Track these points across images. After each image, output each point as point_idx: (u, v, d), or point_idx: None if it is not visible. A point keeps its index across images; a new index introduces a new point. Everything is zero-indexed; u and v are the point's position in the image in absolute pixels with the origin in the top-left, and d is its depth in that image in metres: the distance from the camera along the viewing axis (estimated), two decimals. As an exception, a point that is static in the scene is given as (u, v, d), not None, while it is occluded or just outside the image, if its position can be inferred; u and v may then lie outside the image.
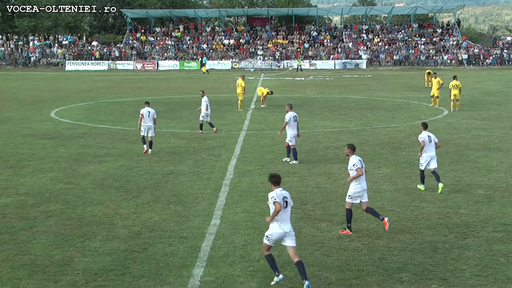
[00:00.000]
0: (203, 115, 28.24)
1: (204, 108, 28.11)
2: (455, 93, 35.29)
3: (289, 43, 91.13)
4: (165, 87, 55.93)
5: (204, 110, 28.13)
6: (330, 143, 25.76)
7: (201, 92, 28.96)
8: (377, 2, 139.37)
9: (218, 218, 15.15)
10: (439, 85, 37.86)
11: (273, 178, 11.28)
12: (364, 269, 11.84)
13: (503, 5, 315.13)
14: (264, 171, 20.44)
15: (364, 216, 15.30)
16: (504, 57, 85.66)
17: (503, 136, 27.38)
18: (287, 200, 11.15)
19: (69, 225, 14.67)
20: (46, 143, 26.11)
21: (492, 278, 11.42)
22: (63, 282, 11.32)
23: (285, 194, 11.18)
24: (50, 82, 62.80)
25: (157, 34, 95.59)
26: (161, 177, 19.68)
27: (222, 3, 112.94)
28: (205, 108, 28.11)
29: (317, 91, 51.03)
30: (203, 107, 28.15)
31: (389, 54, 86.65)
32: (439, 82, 37.95)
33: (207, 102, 28.17)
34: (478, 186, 18.30)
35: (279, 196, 11.07)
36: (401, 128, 30.09)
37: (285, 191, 11.24)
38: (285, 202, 11.14)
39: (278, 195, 11.09)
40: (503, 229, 14.24)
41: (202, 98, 28.31)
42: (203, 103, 28.13)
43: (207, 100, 28.24)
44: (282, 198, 11.11)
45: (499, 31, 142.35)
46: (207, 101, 28.20)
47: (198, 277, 11.49)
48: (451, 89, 35.37)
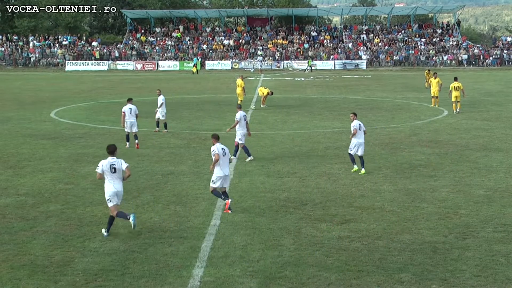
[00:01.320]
0: (163, 114, 28.63)
1: (160, 107, 28.53)
2: (456, 94, 34.92)
3: (289, 44, 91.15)
4: (165, 87, 55.86)
5: (162, 109, 28.56)
6: (330, 144, 25.76)
7: (158, 91, 29.41)
8: (377, 2, 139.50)
9: (218, 219, 15.15)
10: (439, 85, 37.89)
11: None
12: (364, 270, 11.84)
13: (503, 6, 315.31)
14: (264, 172, 20.45)
15: (364, 216, 15.31)
16: (504, 57, 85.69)
17: (503, 136, 27.38)
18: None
19: (69, 226, 14.67)
20: (46, 143, 26.11)
21: (492, 278, 11.42)
22: (63, 282, 11.32)
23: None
24: (50, 82, 62.83)
25: (157, 34, 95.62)
26: (161, 178, 19.68)
27: (222, 3, 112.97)
28: (161, 107, 28.51)
29: (317, 91, 51.04)
30: (159, 105, 28.55)
31: (389, 54, 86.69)
32: (439, 83, 37.99)
33: (164, 101, 28.63)
34: (478, 187, 18.29)
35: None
36: (401, 128, 30.09)
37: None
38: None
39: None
40: (503, 230, 14.23)
41: (159, 97, 28.70)
42: (160, 101, 28.57)
43: (164, 98, 28.73)
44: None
45: (499, 31, 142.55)
46: (164, 99, 28.68)
47: (198, 278, 11.49)
48: (452, 90, 35.05)
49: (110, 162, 13.73)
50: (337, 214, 15.49)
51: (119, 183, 13.77)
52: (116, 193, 13.75)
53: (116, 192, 13.75)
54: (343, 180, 19.27)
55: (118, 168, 13.72)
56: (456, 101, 35.18)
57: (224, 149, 15.67)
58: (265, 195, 17.49)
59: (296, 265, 12.09)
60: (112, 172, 13.67)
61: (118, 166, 13.73)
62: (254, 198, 17.07)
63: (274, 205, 16.35)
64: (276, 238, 13.69)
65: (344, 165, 21.45)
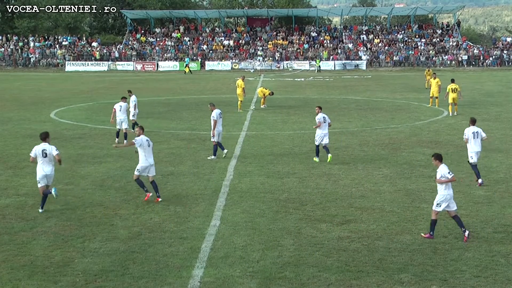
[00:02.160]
0: (133, 114, 28.69)
1: (133, 108, 28.53)
2: (453, 96, 34.53)
3: (289, 44, 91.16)
4: (165, 87, 55.94)
5: (133, 110, 28.57)
6: (330, 144, 25.70)
7: (129, 92, 29.51)
8: (377, 3, 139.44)
9: (218, 219, 15.16)
10: (438, 86, 37.93)
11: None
12: (364, 270, 11.85)
13: (503, 6, 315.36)
14: (264, 172, 20.45)
15: (364, 216, 15.32)
16: (504, 58, 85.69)
17: (503, 137, 27.38)
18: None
19: (69, 226, 14.68)
20: (46, 143, 26.07)
21: (492, 279, 11.42)
22: (63, 282, 11.32)
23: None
24: (50, 82, 62.83)
25: (157, 35, 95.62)
26: (161, 178, 19.67)
27: (222, 4, 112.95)
28: (134, 108, 28.54)
29: (317, 92, 51.03)
30: (131, 106, 28.61)
31: (389, 55, 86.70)
32: (438, 83, 38.04)
33: (135, 102, 28.71)
34: (478, 187, 18.29)
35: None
36: (401, 129, 30.09)
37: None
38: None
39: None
40: (503, 230, 14.24)
41: (131, 98, 28.77)
42: (132, 102, 28.62)
43: (136, 99, 28.82)
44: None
45: (499, 32, 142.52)
46: (135, 100, 28.75)
47: (198, 278, 11.49)
48: (449, 92, 34.58)
49: (42, 147, 15.55)
50: (337, 215, 15.50)
51: (48, 167, 15.57)
52: (45, 176, 15.58)
53: (46, 175, 15.57)
54: (343, 180, 19.27)
55: (49, 153, 15.51)
56: (453, 103, 34.73)
57: (148, 140, 16.86)
58: (265, 195, 17.49)
59: (296, 265, 12.09)
60: (43, 157, 15.51)
61: (49, 152, 15.51)
62: (254, 199, 17.08)
63: (274, 206, 16.36)
64: (276, 238, 13.70)
65: (344, 165, 21.46)
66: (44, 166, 15.60)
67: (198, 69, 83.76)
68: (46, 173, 15.60)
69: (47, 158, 15.56)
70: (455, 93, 34.50)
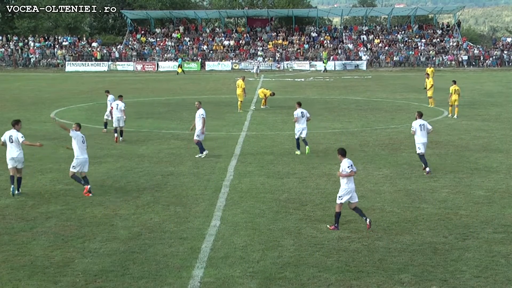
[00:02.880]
0: (107, 114, 29.05)
1: (109, 108, 28.89)
2: (455, 98, 34.09)
3: (289, 44, 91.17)
4: (165, 88, 55.94)
5: (108, 110, 28.96)
6: (330, 144, 25.77)
7: (106, 92, 29.94)
8: (377, 3, 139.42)
9: (218, 219, 15.16)
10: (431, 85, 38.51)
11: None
12: (364, 270, 11.85)
13: (503, 6, 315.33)
14: (264, 172, 20.45)
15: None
16: (504, 58, 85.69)
17: (503, 137, 27.38)
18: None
19: (69, 226, 14.68)
20: (46, 144, 26.03)
21: (492, 279, 11.42)
22: (63, 283, 11.32)
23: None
24: (50, 83, 62.83)
25: (157, 35, 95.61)
26: (161, 178, 19.68)
27: (222, 4, 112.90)
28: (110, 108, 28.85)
29: (317, 92, 51.03)
30: (108, 106, 28.98)
31: (389, 55, 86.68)
32: (431, 83, 38.54)
33: (111, 102, 28.98)
34: (478, 187, 18.30)
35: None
36: (401, 129, 30.08)
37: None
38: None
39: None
40: (503, 230, 14.23)
41: (107, 98, 29.35)
42: (108, 102, 29.12)
43: (112, 99, 29.12)
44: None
45: (499, 32, 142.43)
46: (112, 100, 29.03)
47: (198, 278, 11.49)
48: (452, 93, 33.93)
49: (10, 134, 17.51)
50: (337, 215, 15.48)
51: (14, 151, 17.37)
52: (12, 159, 17.35)
53: (12, 158, 17.35)
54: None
55: (15, 139, 17.38)
56: (455, 105, 34.25)
57: (83, 137, 18.09)
58: (265, 195, 17.49)
59: (296, 265, 12.09)
60: (10, 142, 17.44)
61: (15, 137, 17.39)
62: (254, 199, 17.08)
63: (274, 206, 16.36)
64: (276, 238, 13.70)
65: (344, 165, 21.43)
66: (11, 150, 17.44)
67: (198, 69, 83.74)
68: (12, 156, 17.41)
69: (14, 143, 17.40)
70: (456, 94, 34.00)
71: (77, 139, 17.80)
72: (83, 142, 17.92)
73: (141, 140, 27.17)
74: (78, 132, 17.97)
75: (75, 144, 17.80)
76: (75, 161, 17.77)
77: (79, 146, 17.78)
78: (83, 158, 17.79)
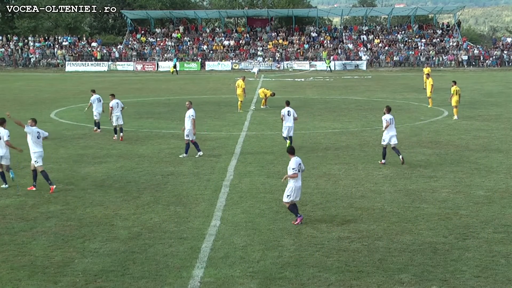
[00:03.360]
0: (97, 114, 29.34)
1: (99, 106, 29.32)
2: (457, 99, 33.77)
3: (289, 44, 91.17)
4: (165, 88, 55.94)
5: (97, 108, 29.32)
6: (330, 144, 25.77)
7: (92, 92, 30.09)
8: (377, 3, 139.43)
9: (218, 219, 15.16)
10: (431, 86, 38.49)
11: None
12: (364, 270, 11.85)
13: (503, 6, 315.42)
14: (264, 172, 20.46)
15: (364, 217, 15.31)
16: (504, 58, 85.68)
17: (503, 137, 27.38)
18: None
19: (69, 226, 14.68)
20: (46, 144, 25.92)
21: (492, 279, 11.42)
22: (63, 283, 11.32)
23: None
24: (50, 83, 62.82)
25: (157, 35, 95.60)
26: (161, 178, 19.68)
27: (222, 4, 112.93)
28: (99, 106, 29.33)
29: (317, 92, 51.03)
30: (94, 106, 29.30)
31: (389, 55, 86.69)
32: (430, 83, 38.53)
33: (96, 100, 29.39)
34: (478, 187, 18.30)
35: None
36: (401, 129, 30.04)
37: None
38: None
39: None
40: (503, 230, 14.24)
41: (92, 97, 29.61)
42: (91, 101, 29.51)
43: (98, 97, 29.48)
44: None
45: (499, 32, 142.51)
46: (97, 99, 29.43)
47: (198, 278, 11.49)
48: (453, 94, 33.57)
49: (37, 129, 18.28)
50: (337, 215, 15.50)
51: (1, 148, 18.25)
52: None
53: None
54: (343, 180, 19.28)
55: (1, 137, 18.20)
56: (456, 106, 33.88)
57: (39, 132, 18.48)
58: (265, 195, 17.49)
59: (296, 265, 12.09)
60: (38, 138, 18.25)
61: (1, 136, 18.20)
62: (254, 199, 17.08)
63: (274, 206, 16.36)
64: (276, 238, 13.70)
65: (344, 165, 21.47)
66: (39, 144, 18.29)
67: (198, 69, 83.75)
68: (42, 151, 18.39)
69: (40, 138, 18.31)
70: (457, 95, 33.68)
71: (32, 134, 18.32)
72: (38, 137, 18.44)
73: (141, 140, 27.17)
74: (33, 127, 18.42)
75: (29, 139, 18.36)
76: (33, 155, 18.34)
77: (33, 141, 18.33)
78: (39, 151, 18.33)
